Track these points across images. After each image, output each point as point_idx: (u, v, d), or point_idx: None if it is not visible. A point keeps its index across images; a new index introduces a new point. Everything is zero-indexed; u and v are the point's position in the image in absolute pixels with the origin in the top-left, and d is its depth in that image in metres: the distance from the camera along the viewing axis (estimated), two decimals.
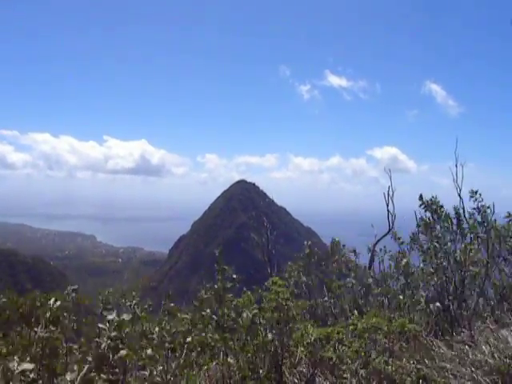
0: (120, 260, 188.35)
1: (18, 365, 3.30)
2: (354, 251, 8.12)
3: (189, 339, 5.16)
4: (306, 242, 7.79)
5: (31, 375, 3.44)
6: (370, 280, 7.29)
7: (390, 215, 9.74)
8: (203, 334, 5.57)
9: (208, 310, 5.75)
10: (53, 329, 4.41)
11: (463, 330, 5.56)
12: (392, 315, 6.25)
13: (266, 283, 6.04)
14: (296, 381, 4.71)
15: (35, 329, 4.31)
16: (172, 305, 5.33)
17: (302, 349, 4.84)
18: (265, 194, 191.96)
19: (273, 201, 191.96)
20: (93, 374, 4.00)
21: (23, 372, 3.36)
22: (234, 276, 6.55)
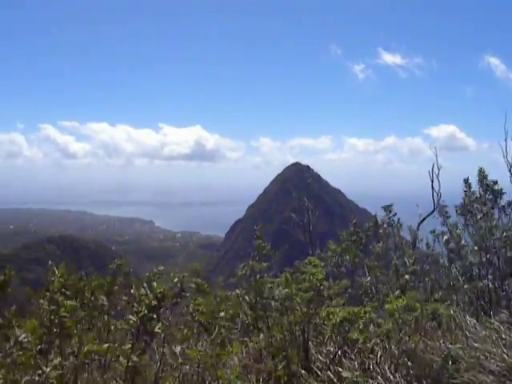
0: (177, 244, 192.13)
1: None
2: (397, 227, 7.89)
3: (222, 314, 5.19)
4: (350, 219, 7.62)
5: None
6: (411, 259, 7.08)
7: (434, 193, 9.43)
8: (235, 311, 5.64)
9: (241, 289, 5.78)
10: None
11: (503, 310, 5.34)
12: (431, 295, 6.12)
13: (296, 264, 5.99)
14: (322, 359, 4.65)
15: None
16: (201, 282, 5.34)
17: (329, 328, 4.77)
18: (319, 176, 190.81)
19: (327, 182, 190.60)
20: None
21: None
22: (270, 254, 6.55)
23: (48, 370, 3.56)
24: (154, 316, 4.39)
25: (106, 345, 4.41)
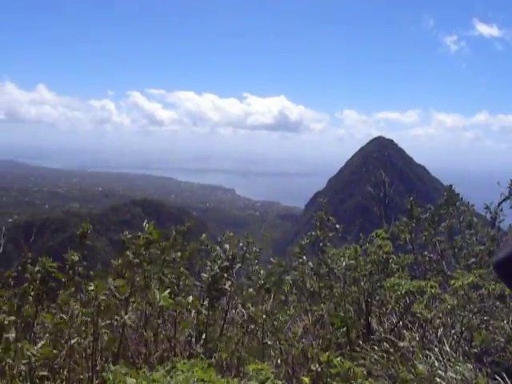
0: (257, 213, 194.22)
1: None
2: (468, 207, 7.66)
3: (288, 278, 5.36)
4: (409, 197, 7.48)
5: None
6: (487, 237, 6.89)
7: None
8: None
9: (304, 257, 5.89)
10: None
11: None
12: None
13: (362, 235, 6.01)
14: (382, 329, 4.70)
15: None
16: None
17: (393, 300, 4.79)
18: (403, 151, 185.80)
19: (411, 158, 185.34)
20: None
21: None
22: (337, 226, 6.60)
23: (126, 316, 3.87)
24: (225, 275, 4.66)
25: (178, 298, 4.70)
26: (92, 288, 4.01)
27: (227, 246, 4.85)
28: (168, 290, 3.86)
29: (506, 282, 1.51)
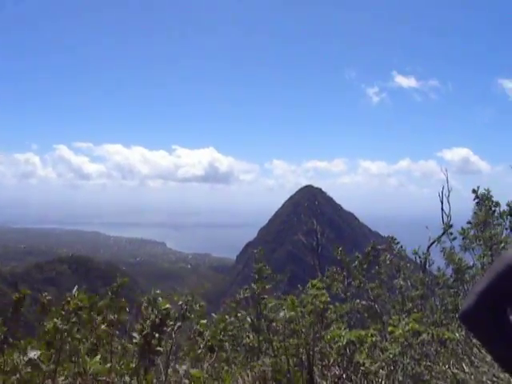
0: (189, 266, 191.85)
1: None
2: (401, 252, 7.85)
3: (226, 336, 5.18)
4: (338, 247, 7.60)
5: None
6: (418, 282, 7.01)
7: (444, 216, 9.38)
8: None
9: (243, 312, 5.76)
10: None
11: None
12: (437, 318, 6.04)
13: (300, 286, 5.98)
14: (326, 383, 4.60)
15: None
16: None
17: (334, 351, 4.72)
18: (331, 199, 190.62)
19: (340, 206, 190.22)
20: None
21: None
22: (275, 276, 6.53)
23: None
24: (157, 335, 4.36)
25: (108, 364, 4.39)
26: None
27: (160, 300, 4.61)
28: (98, 356, 3.58)
29: (472, 331, 1.50)
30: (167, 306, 4.50)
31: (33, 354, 3.51)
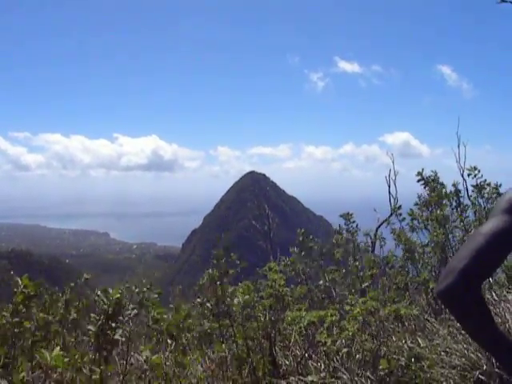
0: (134, 256, 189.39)
1: None
2: (354, 234, 8.05)
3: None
4: (298, 230, 7.74)
5: None
6: (370, 262, 7.21)
7: (392, 198, 9.64)
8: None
9: (202, 298, 5.78)
10: None
11: None
12: (390, 297, 6.25)
13: (260, 270, 6.05)
14: (288, 363, 4.70)
15: None
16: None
17: (295, 332, 4.82)
18: (275, 184, 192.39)
19: (284, 191, 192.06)
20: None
21: None
22: (237, 262, 6.56)
23: None
24: (113, 324, 4.30)
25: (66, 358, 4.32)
26: None
27: (110, 291, 4.55)
28: (58, 348, 3.50)
29: (451, 309, 1.50)
30: (118, 295, 4.43)
31: None
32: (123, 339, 4.41)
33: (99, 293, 4.51)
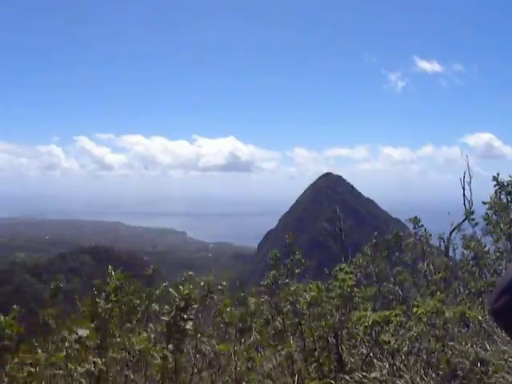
0: (210, 255, 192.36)
1: None
2: (425, 237, 8.00)
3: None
4: (374, 233, 7.80)
5: None
6: (442, 266, 7.17)
7: (466, 201, 9.46)
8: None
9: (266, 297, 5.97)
10: None
11: None
12: (458, 300, 6.20)
13: (332, 271, 6.17)
14: (353, 360, 4.81)
15: None
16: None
17: (361, 331, 4.92)
18: (352, 186, 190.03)
19: (360, 193, 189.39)
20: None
21: None
22: (303, 261, 6.73)
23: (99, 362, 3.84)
24: (184, 316, 4.63)
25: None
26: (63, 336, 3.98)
27: (181, 287, 4.85)
28: (144, 334, 3.85)
29: (507, 329, 1.44)
30: (187, 291, 4.76)
31: (82, 331, 3.78)
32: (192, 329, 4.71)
33: (171, 289, 4.89)
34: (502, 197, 7.30)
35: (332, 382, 4.28)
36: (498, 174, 7.46)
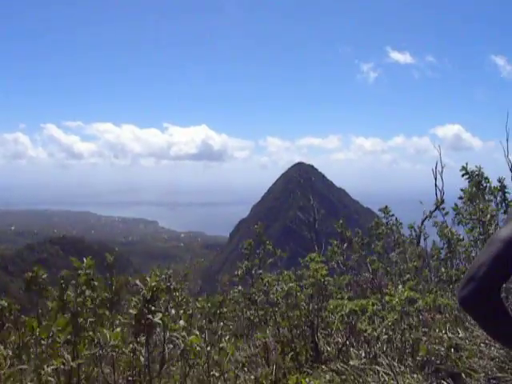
0: (182, 244, 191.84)
1: None
2: (396, 226, 8.08)
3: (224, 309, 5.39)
4: (339, 221, 7.84)
5: None
6: (413, 254, 7.25)
7: (438, 191, 9.56)
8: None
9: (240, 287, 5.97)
10: None
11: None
12: (430, 288, 6.29)
13: (303, 260, 6.19)
14: (330, 349, 4.84)
15: None
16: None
17: (337, 320, 4.96)
18: (323, 175, 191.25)
19: (332, 182, 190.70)
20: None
21: None
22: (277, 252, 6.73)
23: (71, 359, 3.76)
24: (152, 308, 4.55)
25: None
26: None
27: (148, 278, 4.78)
28: (119, 329, 3.76)
29: (474, 316, 1.52)
30: (154, 282, 4.68)
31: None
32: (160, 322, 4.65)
33: (137, 281, 4.82)
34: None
35: (309, 370, 4.30)
36: (466, 164, 7.54)
